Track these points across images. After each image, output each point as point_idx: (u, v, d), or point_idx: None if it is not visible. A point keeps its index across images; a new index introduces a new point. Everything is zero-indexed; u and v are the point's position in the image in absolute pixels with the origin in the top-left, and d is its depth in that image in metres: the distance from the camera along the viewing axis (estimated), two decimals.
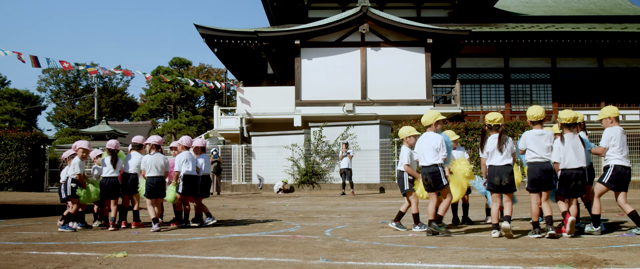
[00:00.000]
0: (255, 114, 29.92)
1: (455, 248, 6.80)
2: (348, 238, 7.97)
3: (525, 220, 9.99)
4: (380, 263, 5.82)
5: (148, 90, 43.30)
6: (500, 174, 7.79)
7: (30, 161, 26.48)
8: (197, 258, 6.31)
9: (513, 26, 33.69)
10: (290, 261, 5.99)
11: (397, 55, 29.44)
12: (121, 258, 6.33)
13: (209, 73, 67.55)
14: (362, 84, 29.32)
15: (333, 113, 28.80)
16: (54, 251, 6.97)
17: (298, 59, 29.47)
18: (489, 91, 36.10)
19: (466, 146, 23.98)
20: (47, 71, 73.72)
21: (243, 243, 7.61)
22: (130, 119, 70.18)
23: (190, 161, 9.82)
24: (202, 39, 30.99)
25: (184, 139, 10.15)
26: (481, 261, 5.83)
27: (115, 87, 75.51)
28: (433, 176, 8.00)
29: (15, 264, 6.01)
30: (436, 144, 8.03)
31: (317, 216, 11.93)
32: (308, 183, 24.36)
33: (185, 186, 9.76)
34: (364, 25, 28.88)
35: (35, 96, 64.30)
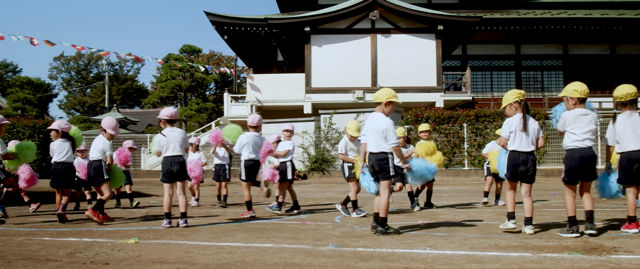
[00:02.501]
0: (266, 101, 29.95)
1: (464, 235, 6.81)
2: (357, 225, 8.00)
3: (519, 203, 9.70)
4: (389, 249, 5.84)
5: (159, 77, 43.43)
6: (526, 162, 6.84)
7: (42, 149, 26.63)
8: (208, 244, 6.36)
9: (524, 12, 33.45)
10: (299, 248, 6.02)
11: (407, 42, 29.34)
12: (133, 244, 6.38)
13: (219, 60, 67.57)
14: (372, 71, 29.27)
15: (343, 100, 28.79)
16: (67, 238, 7.04)
17: (308, 46, 29.43)
18: (500, 77, 35.94)
19: (477, 133, 23.95)
20: (58, 59, 74.02)
21: (253, 229, 7.65)
22: (141, 106, 70.38)
23: (250, 144, 9.30)
24: (212, 26, 31.02)
25: (249, 118, 9.61)
26: (490, 248, 5.83)
27: (126, 74, 75.69)
28: (380, 164, 6.96)
29: (29, 250, 6.08)
30: (383, 127, 6.93)
31: (326, 203, 11.96)
32: (318, 170, 24.40)
33: (248, 172, 9.30)
34: (374, 12, 28.78)
35: (47, 84, 64.59)
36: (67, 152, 8.83)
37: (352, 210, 9.26)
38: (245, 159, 9.24)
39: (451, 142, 24.10)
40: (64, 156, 8.81)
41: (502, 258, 5.29)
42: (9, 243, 6.61)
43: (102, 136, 8.85)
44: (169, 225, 7.89)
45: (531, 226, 6.79)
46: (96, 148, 8.72)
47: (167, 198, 8.00)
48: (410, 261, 5.17)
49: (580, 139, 6.60)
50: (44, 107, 57.49)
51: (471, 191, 15.25)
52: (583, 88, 6.76)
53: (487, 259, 5.25)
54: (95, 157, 8.70)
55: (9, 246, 6.41)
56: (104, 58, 66.14)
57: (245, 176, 9.26)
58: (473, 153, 24.10)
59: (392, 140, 6.93)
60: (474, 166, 23.95)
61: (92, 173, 8.66)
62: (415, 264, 5.04)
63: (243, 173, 9.27)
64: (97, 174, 8.64)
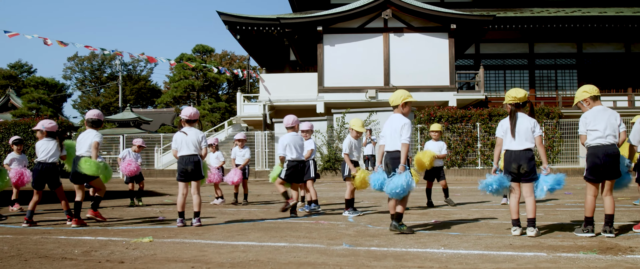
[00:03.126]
0: (278, 100, 29.98)
1: (478, 234, 6.78)
2: (371, 224, 7.99)
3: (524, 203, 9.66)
4: (403, 248, 5.83)
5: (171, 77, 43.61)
6: (518, 160, 6.65)
7: None
8: (222, 243, 6.38)
9: (538, 11, 33.23)
10: (313, 247, 6.03)
11: (420, 41, 29.26)
12: (147, 243, 6.42)
13: (232, 60, 67.78)
14: (385, 70, 29.21)
15: (356, 99, 28.75)
16: (82, 236, 7.09)
17: (320, 46, 29.42)
18: (513, 76, 35.75)
19: (490, 132, 23.86)
20: (72, 59, 74.54)
21: (267, 228, 7.67)
22: (154, 106, 70.74)
23: (292, 145, 9.24)
24: (225, 26, 31.05)
25: (286, 119, 9.52)
26: (504, 248, 5.81)
27: (139, 74, 76.10)
28: (394, 162, 7.07)
29: (45, 249, 6.14)
30: (400, 125, 7.07)
31: (339, 202, 11.97)
32: (331, 169, 24.40)
33: (290, 173, 9.21)
34: (387, 11, 28.71)
35: (61, 84, 65.00)
36: (50, 152, 8.43)
37: (346, 209, 9.37)
38: (289, 160, 9.17)
39: (464, 141, 24.02)
40: (45, 155, 8.40)
41: (517, 258, 5.27)
42: (26, 242, 6.67)
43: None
44: (182, 224, 7.91)
45: (533, 228, 6.55)
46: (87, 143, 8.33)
47: (180, 197, 8.02)
48: (425, 261, 5.17)
49: (603, 135, 6.43)
50: (59, 107, 57.89)
51: None
52: (591, 87, 6.68)
53: (501, 259, 5.23)
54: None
55: (25, 244, 6.47)
56: (117, 58, 66.55)
57: (286, 176, 9.19)
58: (486, 152, 24.00)
59: (404, 137, 7.00)
60: (488, 165, 23.85)
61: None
62: (430, 264, 5.03)
63: (283, 173, 9.18)
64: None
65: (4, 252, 5.96)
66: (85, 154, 8.15)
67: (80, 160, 8.14)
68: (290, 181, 9.25)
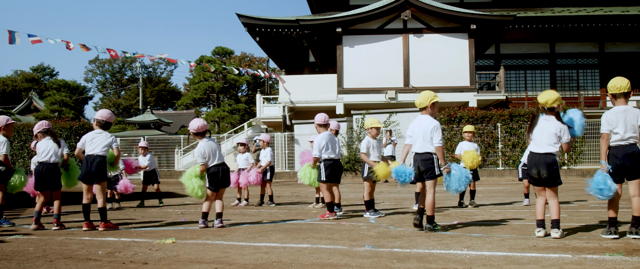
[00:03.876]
0: (298, 102, 30.02)
1: (502, 236, 6.73)
2: (392, 225, 7.96)
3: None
4: (426, 250, 5.80)
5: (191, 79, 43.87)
6: (538, 165, 6.57)
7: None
8: (244, 244, 6.40)
9: (559, 10, 32.96)
10: (336, 248, 6.02)
11: (439, 41, 29.15)
12: (170, 244, 6.45)
13: (251, 62, 67.99)
14: (404, 71, 29.14)
15: (375, 100, 28.71)
16: (105, 237, 7.15)
17: (340, 47, 29.43)
18: (534, 76, 35.50)
19: (511, 133, 23.69)
20: (93, 62, 75.29)
21: (288, 229, 7.68)
22: (174, 108, 71.23)
23: (329, 144, 9.19)
24: (244, 28, 31.19)
25: (318, 117, 9.41)
26: (528, 249, 5.76)
27: (159, 77, 76.65)
28: (426, 164, 7.16)
29: (69, 250, 6.19)
30: (430, 128, 7.15)
31: (360, 203, 11.94)
32: (351, 170, 24.37)
33: (330, 173, 9.14)
34: (406, 12, 28.65)
35: (83, 87, 65.69)
36: (49, 152, 8.31)
37: (366, 210, 9.30)
38: (325, 159, 9.11)
39: (485, 142, 23.86)
40: (45, 156, 8.29)
41: (541, 259, 5.22)
42: (50, 243, 6.74)
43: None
44: (204, 225, 7.94)
45: (558, 229, 6.45)
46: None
47: (208, 201, 8.09)
48: (448, 262, 5.13)
49: (624, 137, 6.30)
50: (80, 109, 58.52)
51: (506, 191, 15.08)
52: (614, 83, 6.46)
53: (526, 261, 5.18)
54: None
55: (50, 245, 6.54)
56: (137, 60, 67.08)
57: (326, 176, 9.11)
58: (507, 153, 23.83)
59: (436, 140, 7.09)
60: (509, 166, 23.67)
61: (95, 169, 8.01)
62: (453, 265, 5.00)
63: (323, 174, 9.11)
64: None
65: (30, 253, 6.02)
66: (101, 153, 7.92)
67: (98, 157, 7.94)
68: (332, 180, 9.18)
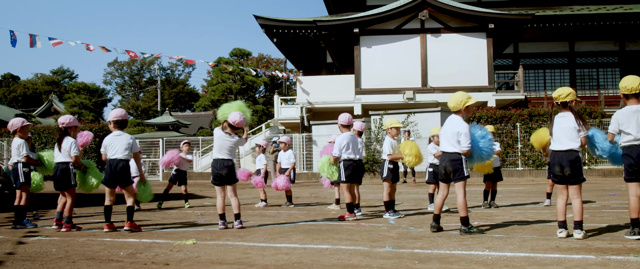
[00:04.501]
0: (316, 103, 30.02)
1: (523, 236, 6.68)
2: (412, 226, 7.93)
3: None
4: (447, 251, 5.77)
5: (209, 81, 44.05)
6: (561, 162, 6.52)
7: (98, 152, 27.37)
8: (264, 245, 6.41)
9: (578, 8, 32.64)
10: (356, 249, 6.00)
11: (457, 41, 29.01)
12: (191, 245, 6.48)
13: (268, 63, 68.11)
14: (422, 72, 29.03)
15: (393, 101, 28.64)
16: (126, 238, 7.19)
17: (357, 47, 29.40)
18: (554, 76, 35.21)
19: (530, 133, 23.48)
20: (112, 64, 75.90)
21: (308, 230, 7.67)
22: (192, 109, 71.54)
23: (352, 144, 9.08)
24: (262, 30, 31.26)
25: (341, 118, 9.30)
26: (551, 250, 5.71)
27: (177, 78, 77.09)
28: (454, 165, 7.10)
29: (91, 251, 6.24)
30: (458, 131, 7.09)
31: (379, 204, 11.91)
32: (369, 171, 24.32)
33: (350, 173, 9.02)
34: (424, 12, 28.54)
35: (102, 89, 66.30)
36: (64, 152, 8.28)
37: (386, 211, 9.26)
38: (345, 159, 9.03)
39: (504, 142, 23.70)
40: (61, 157, 8.30)
41: (565, 261, 5.17)
42: (72, 244, 6.79)
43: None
44: (223, 226, 7.96)
45: (580, 230, 6.39)
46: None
47: (219, 200, 8.09)
48: (470, 263, 5.10)
49: (636, 138, 6.26)
50: (100, 111, 59.03)
51: (526, 192, 14.96)
52: (626, 83, 6.37)
53: (548, 262, 5.13)
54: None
55: (72, 246, 6.59)
56: (155, 62, 67.50)
57: (346, 177, 9.02)
58: (527, 153, 23.65)
59: (464, 144, 7.04)
60: (528, 166, 23.50)
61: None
62: (475, 266, 4.97)
63: (343, 174, 9.04)
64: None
65: (53, 254, 6.08)
66: (123, 157, 7.93)
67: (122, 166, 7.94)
68: (352, 181, 9.10)
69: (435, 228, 7.20)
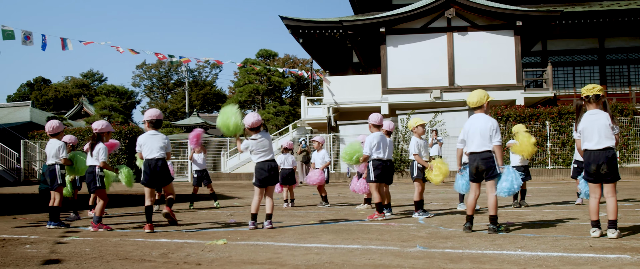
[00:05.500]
0: (342, 103, 30.01)
1: (556, 236, 6.61)
2: (442, 226, 7.89)
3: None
4: (479, 250, 5.73)
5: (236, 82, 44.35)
6: (598, 160, 6.39)
7: (128, 153, 27.72)
8: (295, 245, 6.43)
9: (608, 4, 32.11)
10: (387, 249, 5.99)
11: (485, 39, 28.78)
12: (222, 245, 6.53)
13: (294, 64, 68.26)
14: (449, 70, 28.86)
15: (420, 100, 28.51)
16: (158, 238, 7.27)
17: (383, 47, 29.32)
18: (583, 73, 34.71)
19: (560, 131, 23.22)
20: (140, 66, 76.74)
21: (338, 230, 7.68)
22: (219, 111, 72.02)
23: (382, 144, 9.09)
24: (288, 31, 31.33)
25: (372, 117, 9.31)
26: (584, 250, 5.64)
27: (205, 80, 77.66)
28: (487, 163, 7.05)
29: (124, 251, 6.32)
30: (490, 127, 7.07)
31: (407, 204, 11.87)
32: (396, 171, 24.23)
33: (379, 173, 9.02)
34: (450, 10, 28.36)
35: (130, 91, 67.08)
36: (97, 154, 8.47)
37: (415, 210, 9.22)
38: (374, 159, 9.02)
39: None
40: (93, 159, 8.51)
41: (599, 260, 5.10)
42: (106, 244, 6.89)
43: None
44: (253, 227, 7.98)
45: (615, 230, 6.28)
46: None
47: (256, 201, 8.09)
48: (502, 263, 5.06)
49: None
50: (129, 113, 59.71)
51: (557, 191, 14.79)
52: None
53: (582, 261, 5.07)
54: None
55: (105, 246, 6.68)
56: (183, 65, 68.12)
57: (375, 176, 9.00)
58: (557, 152, 23.36)
59: (496, 139, 7.02)
60: (558, 165, 23.21)
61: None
62: (508, 266, 4.93)
63: (372, 174, 9.01)
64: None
65: (87, 254, 6.17)
66: (160, 155, 8.04)
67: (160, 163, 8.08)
68: (381, 181, 9.10)
69: (469, 228, 7.14)
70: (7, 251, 6.52)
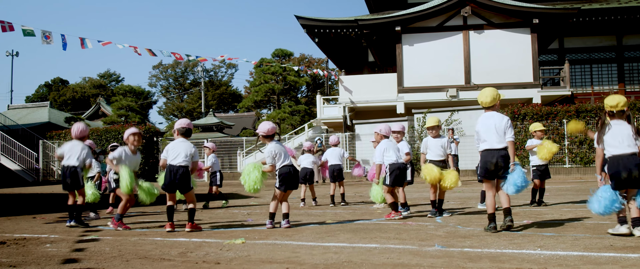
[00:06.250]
0: (358, 102, 30.00)
1: (575, 235, 6.56)
2: (460, 225, 7.87)
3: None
4: (498, 249, 5.71)
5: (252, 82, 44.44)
6: (628, 167, 6.23)
7: (144, 153, 27.86)
8: (313, 244, 6.43)
9: (626, 1, 31.78)
10: (405, 248, 5.98)
11: (501, 37, 28.63)
12: (240, 244, 6.55)
13: (310, 63, 68.35)
14: (465, 69, 28.74)
15: (436, 99, 28.42)
16: (177, 238, 7.31)
17: (399, 46, 29.26)
18: (601, 71, 34.38)
19: None
20: (157, 67, 77.21)
21: (355, 229, 7.68)
22: (235, 110, 72.28)
23: (392, 149, 9.22)
24: (303, 30, 31.37)
25: (383, 128, 9.51)
26: (605, 249, 5.59)
27: (220, 80, 77.99)
28: (506, 160, 7.06)
29: (143, 250, 6.36)
30: (505, 124, 7.15)
31: (424, 203, 11.85)
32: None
33: (393, 177, 9.09)
34: (466, 8, 28.24)
35: (147, 92, 67.53)
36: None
37: (435, 210, 9.25)
38: (390, 164, 9.05)
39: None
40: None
41: (620, 260, 5.06)
42: (125, 243, 6.93)
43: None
44: (271, 226, 8.02)
45: None
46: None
47: (275, 203, 8.13)
48: (522, 262, 5.03)
49: None
50: (145, 113, 60.10)
51: (574, 190, 14.68)
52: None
53: (603, 261, 5.03)
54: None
55: (125, 245, 6.73)
56: (199, 65, 68.41)
57: (391, 181, 9.03)
58: (574, 150, 23.18)
59: (509, 135, 7.11)
60: (576, 164, 23.04)
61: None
62: (528, 265, 4.90)
63: (388, 179, 9.01)
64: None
65: (106, 253, 6.22)
66: (184, 163, 8.01)
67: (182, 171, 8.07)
68: (396, 185, 9.16)
69: (494, 228, 7.05)
70: (28, 250, 6.59)
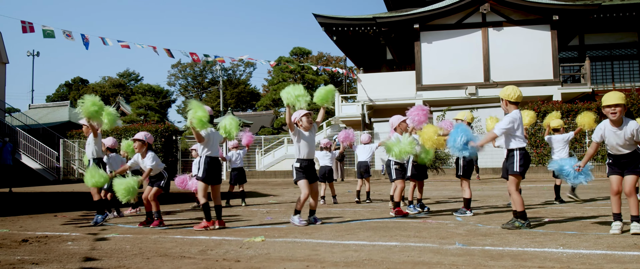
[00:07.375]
0: (376, 100, 29.93)
1: (598, 233, 6.48)
2: (481, 223, 7.81)
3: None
4: (519, 248, 5.66)
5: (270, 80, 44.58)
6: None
7: (164, 152, 28.03)
8: (333, 242, 6.42)
9: None
10: (426, 246, 5.95)
11: (520, 34, 28.40)
12: (260, 242, 6.55)
13: (328, 61, 68.32)
14: (484, 66, 28.55)
15: (455, 96, 28.28)
16: (196, 236, 7.33)
17: (417, 43, 29.14)
18: (622, 67, 33.99)
19: None
20: (175, 66, 77.64)
21: (375, 227, 7.66)
22: (253, 109, 72.42)
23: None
24: (321, 28, 31.35)
25: (394, 120, 9.65)
26: (629, 248, 5.52)
27: (239, 79, 78.23)
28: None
29: (164, 248, 6.39)
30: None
31: (443, 201, 11.79)
32: (432, 168, 24.09)
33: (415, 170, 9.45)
34: (485, 5, 28.06)
35: (166, 90, 67.86)
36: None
37: (466, 209, 9.03)
38: (395, 161, 9.12)
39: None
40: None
41: None
42: (145, 241, 6.97)
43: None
44: (305, 222, 8.10)
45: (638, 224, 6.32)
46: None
47: (303, 197, 8.09)
48: (544, 261, 4.98)
49: None
50: (164, 112, 60.45)
51: (596, 188, 14.52)
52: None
53: (628, 259, 4.96)
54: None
55: (145, 243, 6.77)
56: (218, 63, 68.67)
57: (413, 174, 9.41)
58: None
59: (518, 133, 7.54)
60: (597, 162, 22.79)
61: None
62: (550, 264, 4.85)
63: (393, 173, 9.12)
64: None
65: (127, 250, 6.25)
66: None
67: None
68: (418, 178, 9.46)
69: (528, 225, 7.07)
70: (50, 247, 6.65)
